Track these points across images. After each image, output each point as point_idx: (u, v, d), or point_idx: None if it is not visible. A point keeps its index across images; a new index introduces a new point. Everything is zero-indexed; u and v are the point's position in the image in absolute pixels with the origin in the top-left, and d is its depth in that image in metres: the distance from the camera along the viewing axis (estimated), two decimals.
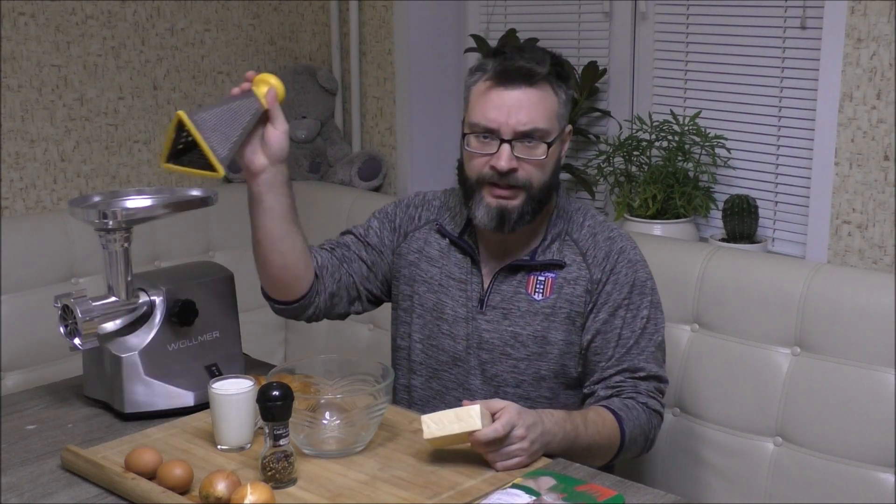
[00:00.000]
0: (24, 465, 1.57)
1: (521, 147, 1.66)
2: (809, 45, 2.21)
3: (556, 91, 1.69)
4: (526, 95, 1.66)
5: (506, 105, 1.65)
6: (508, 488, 1.40)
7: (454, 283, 1.79)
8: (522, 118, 1.65)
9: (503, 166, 1.65)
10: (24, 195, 2.58)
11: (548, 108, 1.68)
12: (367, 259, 1.86)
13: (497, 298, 1.76)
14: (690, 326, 2.04)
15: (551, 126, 1.68)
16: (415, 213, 1.87)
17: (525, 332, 1.74)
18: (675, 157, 2.39)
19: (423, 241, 1.84)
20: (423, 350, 1.82)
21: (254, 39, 3.00)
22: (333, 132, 3.06)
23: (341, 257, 1.84)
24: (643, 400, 1.71)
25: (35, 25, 2.54)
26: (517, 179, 1.67)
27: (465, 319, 1.77)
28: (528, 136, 1.66)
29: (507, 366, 1.75)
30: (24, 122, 2.56)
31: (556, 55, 1.75)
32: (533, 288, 1.74)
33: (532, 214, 1.70)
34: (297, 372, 1.64)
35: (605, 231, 1.77)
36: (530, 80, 1.66)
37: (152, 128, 2.80)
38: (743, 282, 1.98)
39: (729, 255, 2.06)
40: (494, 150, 1.66)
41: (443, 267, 1.80)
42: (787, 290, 1.92)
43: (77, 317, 1.68)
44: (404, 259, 1.84)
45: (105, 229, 1.71)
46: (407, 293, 1.84)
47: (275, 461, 1.44)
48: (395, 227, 1.87)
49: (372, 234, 1.87)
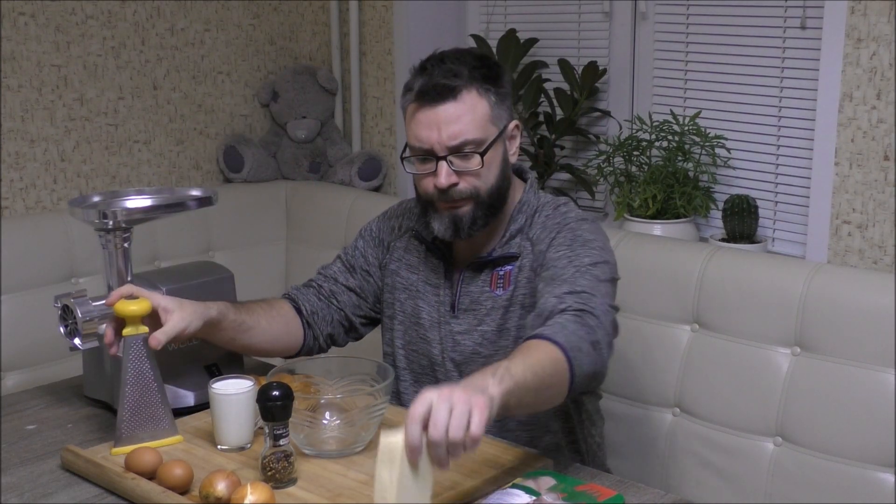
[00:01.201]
0: (24, 465, 1.57)
1: (457, 161, 1.66)
2: (809, 45, 2.21)
3: (483, 94, 1.67)
4: (451, 109, 1.65)
5: (433, 123, 1.65)
6: (508, 488, 1.40)
7: (429, 289, 1.80)
8: (451, 132, 1.64)
9: (443, 184, 1.66)
10: (24, 195, 2.58)
11: (476, 115, 1.66)
12: (356, 286, 1.87)
13: (467, 301, 1.77)
14: (690, 326, 2.04)
15: (484, 133, 1.66)
16: (396, 224, 1.89)
17: (490, 329, 1.75)
18: (675, 157, 2.39)
19: (404, 249, 1.85)
20: (406, 356, 1.84)
21: (254, 39, 3.00)
22: (333, 132, 3.06)
23: (329, 294, 1.86)
24: (567, 306, 1.53)
25: (35, 25, 2.54)
26: (461, 192, 1.67)
27: (438, 324, 1.79)
28: (460, 149, 1.65)
29: (478, 364, 1.72)
30: (24, 122, 2.56)
31: (481, 55, 1.74)
32: (495, 284, 1.75)
33: (485, 218, 1.71)
34: (297, 372, 1.64)
35: (557, 217, 1.73)
36: (451, 93, 1.65)
37: (152, 128, 2.80)
38: (743, 282, 1.98)
39: (729, 255, 2.06)
40: (434, 169, 1.67)
41: (420, 273, 1.82)
42: (787, 290, 1.92)
43: (77, 317, 1.68)
44: (388, 269, 1.86)
45: (105, 229, 1.71)
46: (390, 301, 1.85)
47: (275, 461, 1.44)
48: (380, 242, 1.89)
49: (358, 255, 1.89)
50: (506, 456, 1.54)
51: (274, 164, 3.00)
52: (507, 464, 1.51)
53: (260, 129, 3.06)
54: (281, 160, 3.01)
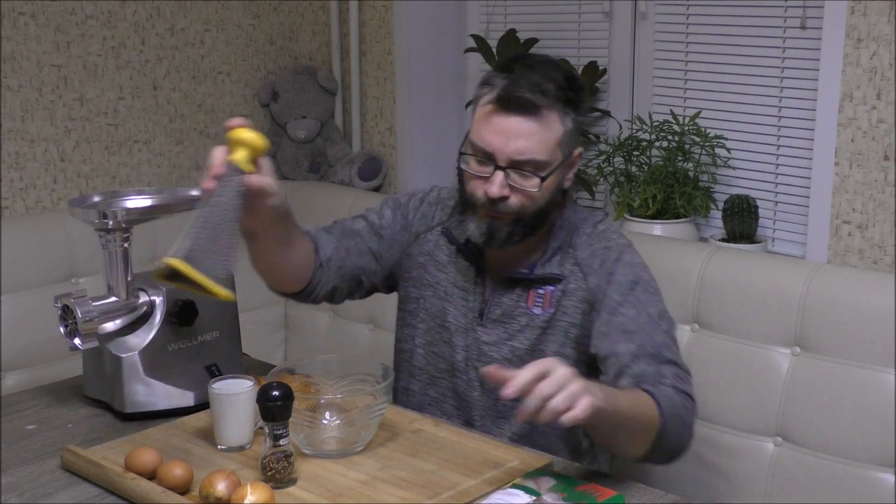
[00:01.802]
0: (24, 465, 1.57)
1: (515, 175, 1.62)
2: (809, 45, 2.21)
3: (562, 118, 1.62)
4: (526, 125, 1.60)
5: (504, 131, 1.60)
6: (508, 488, 1.40)
7: (458, 292, 1.77)
8: (520, 147, 1.60)
9: (495, 193, 1.61)
10: (24, 195, 2.58)
11: (549, 137, 1.61)
12: (377, 251, 1.82)
13: (497, 311, 1.74)
14: (690, 326, 2.04)
15: (551, 157, 1.62)
16: (429, 212, 1.84)
17: (523, 347, 1.72)
18: (675, 157, 2.39)
19: (434, 245, 1.81)
20: (424, 356, 1.81)
21: (254, 39, 3.00)
22: (333, 132, 3.06)
23: (349, 249, 1.79)
24: (670, 382, 1.58)
25: (35, 25, 2.54)
26: (508, 206, 1.63)
27: (465, 330, 1.76)
28: (522, 166, 1.61)
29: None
30: (24, 122, 2.56)
31: (570, 74, 1.68)
32: (532, 301, 1.72)
33: (521, 236, 1.67)
34: (297, 372, 1.64)
35: (603, 241, 1.73)
36: (533, 110, 1.60)
37: (152, 128, 2.80)
38: (743, 282, 1.98)
39: (729, 255, 2.06)
40: (489, 175, 1.62)
41: (449, 274, 1.78)
42: (787, 290, 1.92)
43: (77, 317, 1.68)
44: (414, 260, 1.82)
45: (105, 229, 1.71)
46: (414, 296, 1.82)
47: (275, 461, 1.44)
48: (408, 224, 1.84)
49: (385, 224, 1.83)
50: (506, 456, 1.54)
51: (274, 164, 2.99)
52: (507, 464, 1.51)
53: (260, 129, 3.04)
54: (281, 160, 3.01)
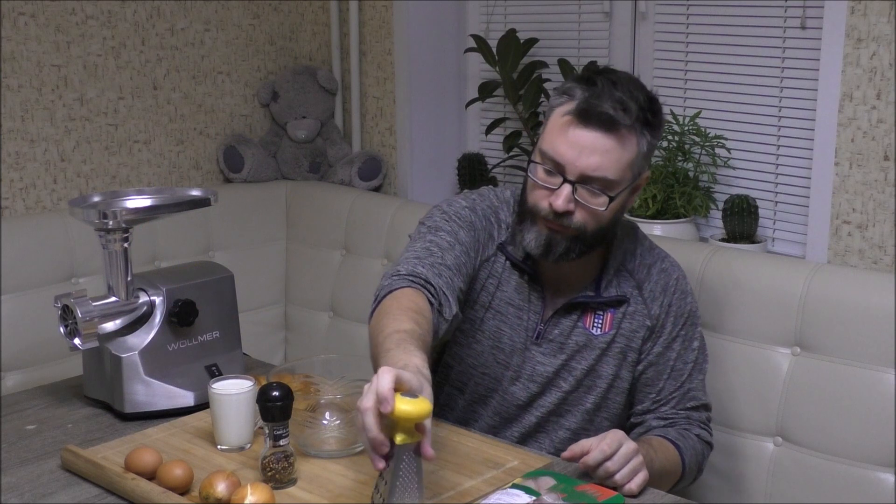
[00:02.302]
0: (24, 465, 1.57)
1: (583, 191, 1.58)
2: (809, 45, 2.20)
3: (639, 139, 1.59)
4: (603, 141, 1.56)
5: (579, 145, 1.56)
6: (508, 488, 1.40)
7: (513, 311, 1.73)
8: (592, 163, 1.56)
9: (560, 207, 1.58)
10: (24, 195, 2.58)
11: (623, 157, 1.58)
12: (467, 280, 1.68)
13: (555, 332, 1.72)
14: None
15: (621, 177, 1.59)
16: (494, 233, 1.73)
17: (580, 367, 1.72)
18: (675, 157, 2.39)
19: (500, 265, 1.73)
20: (475, 376, 1.77)
21: (254, 39, 3.00)
22: (333, 132, 3.06)
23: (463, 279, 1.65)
24: (696, 431, 1.73)
25: (35, 25, 2.54)
26: (571, 221, 1.60)
27: (520, 349, 1.73)
28: (592, 182, 1.58)
29: (554, 397, 1.73)
30: (24, 122, 2.56)
31: (650, 94, 1.64)
32: (591, 322, 1.71)
33: (578, 253, 1.64)
34: (297, 372, 1.64)
35: (658, 262, 1.74)
36: (613, 127, 1.56)
37: (152, 128, 2.80)
38: (743, 282, 1.98)
39: (729, 255, 2.06)
40: (556, 187, 1.58)
41: (505, 291, 1.73)
42: (787, 290, 1.92)
43: (77, 317, 1.68)
44: (479, 283, 1.73)
45: (105, 229, 1.71)
46: (471, 317, 1.74)
47: (275, 461, 1.44)
48: (479, 249, 1.71)
49: (464, 249, 1.68)
50: (506, 456, 1.54)
51: (274, 164, 3.00)
52: (507, 464, 1.51)
53: (260, 129, 3.06)
54: (281, 160, 3.01)
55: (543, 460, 1.54)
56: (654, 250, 1.77)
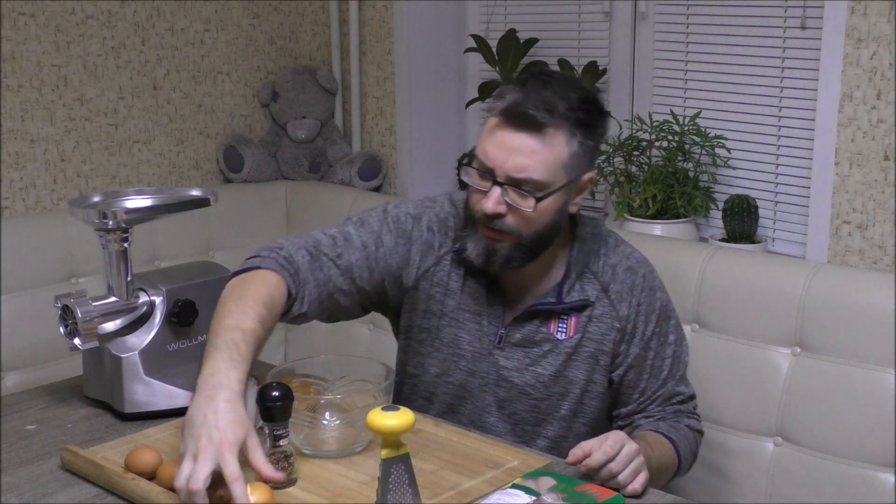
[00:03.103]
0: (24, 465, 1.57)
1: (512, 193, 1.56)
2: (809, 45, 2.21)
3: (569, 139, 1.56)
4: (529, 142, 1.54)
5: (506, 146, 1.55)
6: (508, 488, 1.40)
7: (470, 317, 1.72)
8: (518, 165, 1.55)
9: (490, 209, 1.56)
10: (24, 195, 2.58)
11: (551, 158, 1.55)
12: (365, 288, 1.69)
13: (517, 336, 1.70)
14: (690, 326, 2.04)
15: (551, 178, 1.56)
16: (434, 242, 1.72)
17: (547, 373, 1.70)
18: (675, 157, 2.39)
19: (445, 274, 1.72)
20: (439, 385, 1.76)
21: (254, 39, 3.00)
22: (333, 132, 3.06)
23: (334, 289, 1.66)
24: (686, 422, 1.73)
25: (35, 25, 2.54)
26: (504, 224, 1.58)
27: (482, 355, 1.72)
28: (520, 184, 1.56)
29: (526, 405, 1.72)
30: (24, 122, 2.56)
31: (587, 96, 1.61)
32: (555, 328, 1.69)
33: (521, 261, 1.62)
34: (297, 372, 1.64)
35: (623, 260, 1.71)
36: (536, 127, 1.54)
37: (152, 128, 2.81)
38: (743, 282, 1.98)
39: (729, 255, 2.06)
40: (487, 190, 1.57)
41: (459, 299, 1.71)
42: (787, 290, 1.92)
43: (77, 317, 1.68)
44: (422, 293, 1.73)
45: (105, 229, 1.71)
46: (424, 326, 1.74)
47: (275, 461, 1.44)
48: (410, 262, 1.71)
49: (382, 256, 1.69)
50: (506, 456, 1.54)
51: (274, 164, 3.00)
52: (507, 464, 1.51)
53: (260, 129, 3.06)
54: (281, 160, 3.01)
55: (543, 460, 1.54)
56: (620, 247, 1.73)
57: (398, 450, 1.29)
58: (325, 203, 2.79)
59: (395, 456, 1.29)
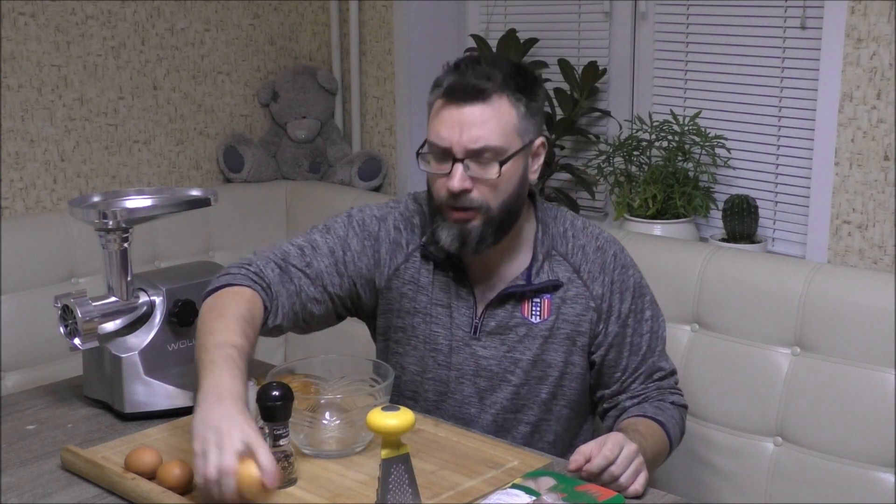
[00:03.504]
0: (24, 465, 1.57)
1: (474, 167, 1.59)
2: (809, 45, 2.21)
3: (513, 104, 1.60)
4: (477, 112, 1.58)
5: (457, 123, 1.58)
6: (508, 488, 1.40)
7: (441, 311, 1.73)
8: (473, 135, 1.57)
9: (456, 186, 1.58)
10: (24, 195, 2.58)
11: (503, 123, 1.59)
12: (337, 294, 1.71)
13: (492, 324, 1.71)
14: (690, 326, 2.04)
15: (507, 143, 1.59)
16: (400, 240, 1.75)
17: (525, 358, 1.70)
18: (675, 157, 2.39)
19: (416, 271, 1.74)
20: (420, 382, 1.77)
21: (254, 39, 3.00)
22: (333, 132, 3.06)
23: (307, 298, 1.67)
24: (670, 399, 1.74)
25: (35, 25, 2.54)
26: (472, 201, 1.60)
27: (458, 347, 1.73)
28: (480, 155, 1.58)
29: (506, 392, 1.72)
30: (24, 122, 2.56)
31: (519, 64, 1.68)
32: (529, 311, 1.70)
33: (494, 237, 1.64)
34: (297, 372, 1.64)
35: (591, 240, 1.73)
36: (481, 95, 1.58)
37: (152, 128, 2.81)
38: (743, 282, 1.98)
39: (729, 255, 2.06)
40: (449, 171, 1.60)
41: (430, 294, 1.73)
42: (787, 290, 1.92)
43: (77, 317, 1.68)
44: (395, 292, 1.75)
45: (105, 229, 1.71)
46: (399, 325, 1.76)
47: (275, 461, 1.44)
48: (380, 262, 1.74)
49: (350, 259, 1.72)
50: (506, 456, 1.54)
51: (274, 164, 3.00)
52: (507, 464, 1.51)
53: (260, 129, 3.06)
54: (281, 160, 3.01)
55: (543, 460, 1.54)
56: (587, 229, 1.75)
57: (398, 450, 1.29)
58: (325, 203, 2.79)
59: (395, 456, 1.29)
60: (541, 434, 1.75)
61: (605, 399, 1.76)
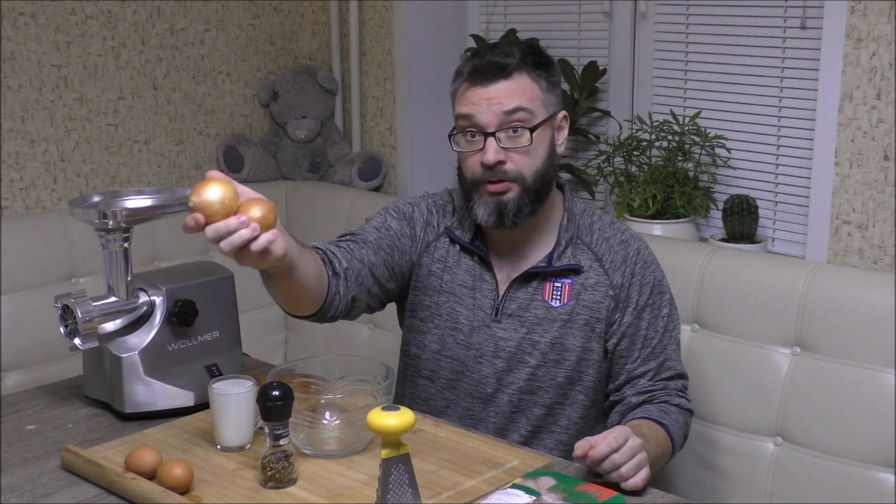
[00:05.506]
0: (24, 465, 1.57)
1: (505, 137, 1.66)
2: (809, 45, 2.21)
3: (534, 79, 1.69)
4: (503, 87, 1.67)
5: (484, 99, 1.67)
6: (508, 488, 1.40)
7: (465, 291, 1.78)
8: (504, 103, 1.66)
9: (490, 159, 1.66)
10: (24, 195, 2.58)
11: (528, 93, 1.68)
12: (389, 261, 1.77)
13: (513, 306, 1.75)
14: (690, 326, 2.04)
15: (535, 108, 1.68)
16: (433, 220, 1.83)
17: (543, 340, 1.74)
18: (675, 157, 2.39)
19: (444, 251, 1.81)
20: (438, 360, 1.80)
21: (254, 39, 3.00)
22: (333, 132, 3.06)
23: (363, 259, 1.72)
24: (676, 402, 1.74)
25: (35, 25, 2.54)
26: (507, 172, 1.67)
27: (479, 328, 1.76)
28: (511, 123, 1.66)
29: (523, 373, 1.75)
30: (24, 122, 2.56)
31: (532, 45, 1.76)
32: (550, 294, 1.74)
33: (531, 206, 1.70)
34: (297, 372, 1.64)
35: (617, 234, 1.78)
36: (503, 71, 1.67)
37: (152, 128, 2.80)
38: (743, 282, 1.98)
39: (729, 255, 2.06)
40: (482, 146, 1.67)
41: (456, 275, 1.79)
42: (787, 290, 1.92)
43: (77, 317, 1.68)
44: (425, 269, 1.81)
45: (105, 229, 1.71)
46: (426, 303, 1.81)
47: (275, 461, 1.44)
48: (416, 235, 1.81)
49: (393, 235, 1.79)
50: (506, 456, 1.54)
51: (274, 164, 3.00)
52: (507, 464, 1.51)
53: (260, 129, 3.06)
54: (281, 160, 3.01)
55: (543, 460, 1.54)
56: (615, 225, 1.81)
57: (398, 450, 1.30)
58: (325, 203, 2.79)
59: (395, 456, 1.29)
60: (555, 417, 1.77)
61: (612, 392, 1.77)
